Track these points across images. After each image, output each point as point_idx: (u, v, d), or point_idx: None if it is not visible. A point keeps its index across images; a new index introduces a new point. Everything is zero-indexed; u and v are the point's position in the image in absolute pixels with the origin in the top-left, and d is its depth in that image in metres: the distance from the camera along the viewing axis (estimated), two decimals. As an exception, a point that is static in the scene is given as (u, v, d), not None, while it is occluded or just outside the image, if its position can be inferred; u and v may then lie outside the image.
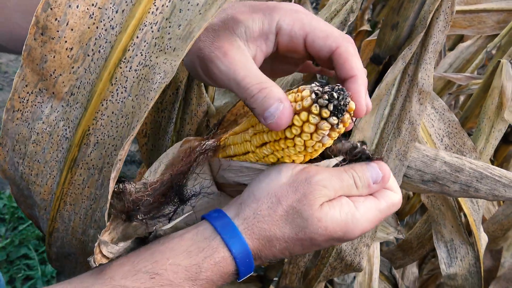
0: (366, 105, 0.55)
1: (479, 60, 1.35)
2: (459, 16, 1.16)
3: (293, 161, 0.60)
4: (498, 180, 0.80)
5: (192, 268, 0.49)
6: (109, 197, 0.51)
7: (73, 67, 0.53)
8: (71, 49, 0.52)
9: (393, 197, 0.55)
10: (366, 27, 2.37)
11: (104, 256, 0.53)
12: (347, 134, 0.87)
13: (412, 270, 1.51)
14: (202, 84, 0.83)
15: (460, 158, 0.81)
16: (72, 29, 0.51)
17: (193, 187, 0.63)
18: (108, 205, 0.52)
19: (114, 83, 0.53)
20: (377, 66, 0.85)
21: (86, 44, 0.52)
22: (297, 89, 0.55)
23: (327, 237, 0.51)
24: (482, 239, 1.10)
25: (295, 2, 0.72)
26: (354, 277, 1.02)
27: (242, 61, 0.53)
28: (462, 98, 1.63)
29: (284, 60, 0.64)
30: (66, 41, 0.52)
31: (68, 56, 0.52)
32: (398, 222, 0.93)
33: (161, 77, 0.49)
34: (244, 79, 0.52)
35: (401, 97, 0.81)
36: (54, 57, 0.52)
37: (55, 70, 0.53)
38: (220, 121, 0.81)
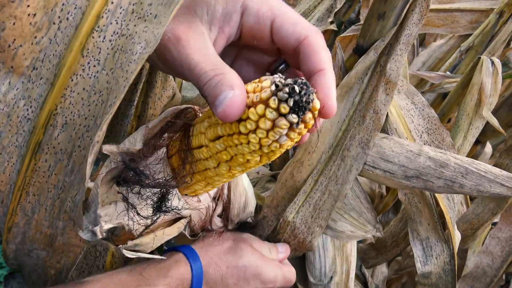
0: None
1: (452, 59, 1.35)
2: (433, 15, 1.16)
3: (248, 161, 0.55)
4: (483, 175, 0.79)
5: None
6: (86, 184, 0.46)
7: (36, 37, 0.46)
8: (34, 15, 0.45)
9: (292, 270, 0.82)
10: (333, 27, 2.37)
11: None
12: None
13: (382, 269, 1.50)
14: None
15: (445, 153, 0.80)
16: (36, -9, 0.45)
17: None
18: (84, 192, 0.47)
19: (86, 55, 0.47)
20: (360, 58, 0.82)
21: (52, 10, 0.45)
22: (259, 79, 0.49)
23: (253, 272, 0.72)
24: (457, 236, 1.10)
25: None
26: (331, 277, 0.98)
27: (198, 45, 0.48)
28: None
29: (248, 55, 0.59)
30: (28, 6, 0.45)
31: (30, 24, 0.46)
32: (377, 220, 0.90)
33: (142, 47, 0.43)
34: (198, 65, 0.47)
35: (371, 86, 0.80)
36: (13, 24, 0.45)
37: (14, 39, 0.46)
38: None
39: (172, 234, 0.66)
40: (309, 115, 0.47)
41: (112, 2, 0.45)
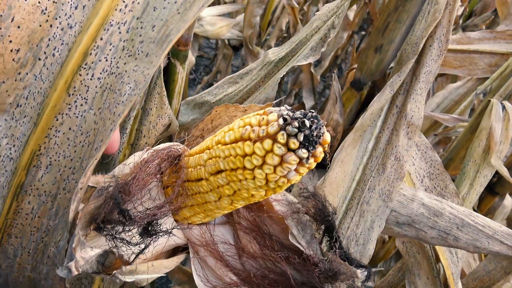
0: None
1: (467, 102, 1.31)
2: (450, 55, 1.11)
3: (252, 195, 0.52)
4: (480, 229, 0.73)
5: None
6: (70, 230, 0.43)
7: (19, 73, 0.44)
8: (18, 50, 0.43)
9: None
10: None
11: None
12: (324, 166, 0.80)
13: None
14: (164, 93, 0.75)
15: (440, 201, 0.74)
16: (19, 27, 0.42)
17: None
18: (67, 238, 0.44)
19: (72, 94, 0.44)
20: (357, 92, 0.80)
21: (37, 46, 0.43)
22: (263, 111, 0.48)
23: None
24: None
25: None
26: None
27: None
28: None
29: None
30: (11, 41, 0.43)
31: (13, 60, 0.43)
32: (367, 262, 0.85)
33: (131, 88, 0.41)
34: None
35: (388, 130, 0.74)
36: (-4, 59, 0.43)
37: (-4, 76, 0.44)
38: (182, 137, 0.74)
39: (169, 266, 0.62)
40: (319, 149, 0.45)
41: (101, 39, 0.43)
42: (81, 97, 0.44)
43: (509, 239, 0.73)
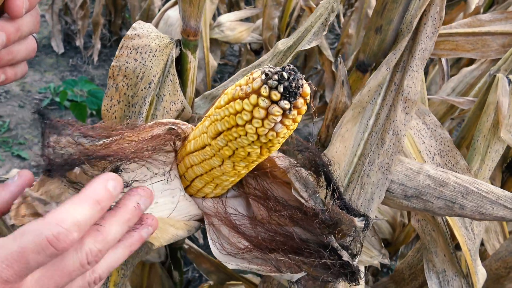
0: None
1: (481, 83, 1.30)
2: (462, 39, 1.11)
3: (249, 154, 0.56)
4: (484, 196, 0.73)
5: None
6: None
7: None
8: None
9: None
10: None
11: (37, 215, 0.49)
12: (325, 145, 0.82)
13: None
14: (177, 80, 0.80)
15: (445, 172, 0.75)
16: None
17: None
18: None
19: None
20: (363, 74, 0.82)
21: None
22: (251, 71, 0.52)
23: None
24: (480, 272, 1.00)
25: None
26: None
27: None
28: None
29: None
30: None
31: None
32: (382, 245, 0.86)
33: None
34: None
35: (386, 106, 0.77)
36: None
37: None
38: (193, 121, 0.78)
39: (176, 226, 0.67)
40: (300, 100, 0.49)
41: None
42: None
43: (512, 203, 0.73)
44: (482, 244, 1.30)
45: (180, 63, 0.85)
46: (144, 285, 1.28)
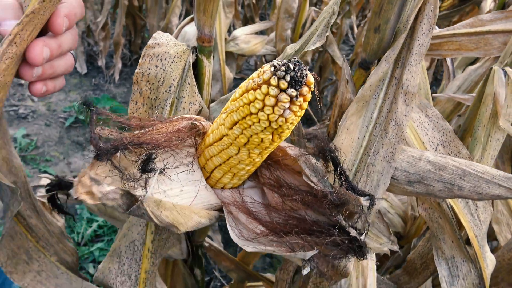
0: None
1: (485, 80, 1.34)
2: (465, 39, 1.17)
3: (262, 140, 0.64)
4: (480, 176, 0.79)
5: None
6: None
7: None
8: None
9: None
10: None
11: (91, 194, 0.55)
12: (331, 137, 0.89)
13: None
14: (194, 83, 0.87)
15: (444, 157, 0.81)
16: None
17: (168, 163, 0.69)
18: None
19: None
20: (365, 72, 0.89)
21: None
22: (262, 65, 0.60)
23: None
24: (488, 258, 1.04)
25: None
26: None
27: None
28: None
29: None
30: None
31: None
32: (391, 231, 0.91)
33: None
34: None
35: (388, 100, 0.83)
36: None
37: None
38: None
39: (199, 214, 0.74)
40: (305, 88, 0.56)
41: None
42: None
43: (506, 181, 0.78)
44: (496, 239, 1.33)
45: (197, 68, 0.93)
46: (168, 283, 1.34)
